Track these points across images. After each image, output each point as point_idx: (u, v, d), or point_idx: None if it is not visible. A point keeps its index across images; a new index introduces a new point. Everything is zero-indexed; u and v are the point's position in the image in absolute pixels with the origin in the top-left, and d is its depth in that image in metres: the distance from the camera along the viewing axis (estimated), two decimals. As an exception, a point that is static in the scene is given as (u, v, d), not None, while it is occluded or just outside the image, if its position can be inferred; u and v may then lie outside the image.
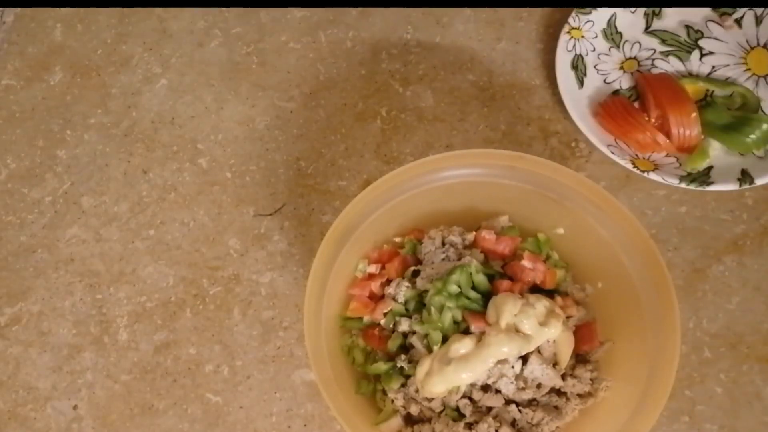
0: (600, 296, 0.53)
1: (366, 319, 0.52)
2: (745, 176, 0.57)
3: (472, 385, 0.48)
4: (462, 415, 0.49)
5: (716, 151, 0.60)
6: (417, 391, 0.48)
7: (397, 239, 0.55)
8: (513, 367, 0.47)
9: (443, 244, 0.54)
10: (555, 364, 0.49)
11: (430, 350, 0.48)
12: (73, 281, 0.62)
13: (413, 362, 0.49)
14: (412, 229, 0.56)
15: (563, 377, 0.49)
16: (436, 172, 0.51)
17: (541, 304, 0.48)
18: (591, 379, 0.50)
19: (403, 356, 0.49)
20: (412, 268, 0.52)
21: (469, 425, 0.48)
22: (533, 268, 0.51)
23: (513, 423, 0.49)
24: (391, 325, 0.51)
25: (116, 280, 0.62)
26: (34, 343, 0.60)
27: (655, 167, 0.59)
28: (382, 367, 0.50)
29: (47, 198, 0.65)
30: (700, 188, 0.57)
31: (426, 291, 0.50)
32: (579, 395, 0.50)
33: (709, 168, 0.59)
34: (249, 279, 0.61)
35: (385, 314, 0.51)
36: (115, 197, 0.65)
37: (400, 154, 0.64)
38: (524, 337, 0.46)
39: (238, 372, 0.58)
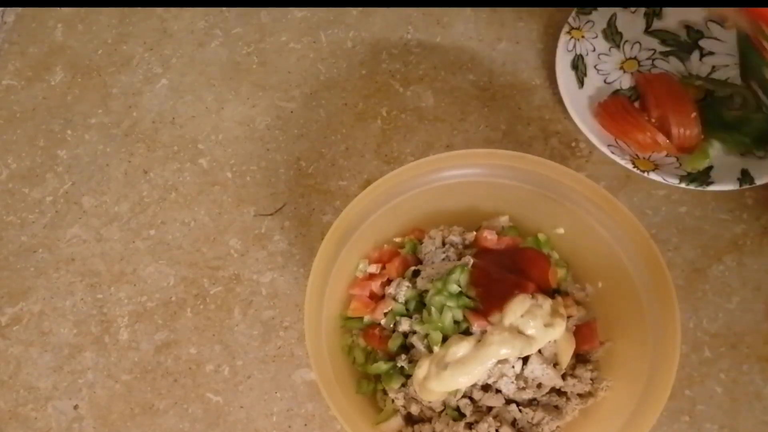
0: (600, 296, 0.53)
1: (366, 318, 0.52)
2: (745, 176, 0.57)
3: (473, 385, 0.48)
4: (462, 415, 0.49)
5: (716, 151, 0.60)
6: (417, 390, 0.48)
7: (398, 239, 0.55)
8: (513, 366, 0.48)
9: (443, 243, 0.54)
10: (555, 364, 0.49)
11: (430, 350, 0.48)
12: (73, 281, 0.62)
13: (414, 362, 0.49)
14: (413, 229, 0.56)
15: (563, 377, 0.49)
16: (436, 172, 0.51)
17: (548, 304, 0.48)
18: (591, 379, 0.50)
19: (403, 356, 0.50)
20: (413, 268, 0.53)
21: (470, 425, 0.48)
22: (534, 268, 0.51)
23: (513, 423, 0.49)
24: (391, 325, 0.51)
25: (117, 280, 0.62)
26: (35, 342, 0.60)
27: (656, 167, 0.59)
28: (382, 366, 0.50)
29: (48, 198, 0.65)
30: (701, 188, 0.57)
31: (426, 291, 0.50)
32: (579, 395, 0.50)
33: (710, 168, 0.59)
34: (249, 279, 0.61)
35: (385, 314, 0.51)
36: (116, 197, 0.65)
37: (400, 154, 0.64)
38: (526, 339, 0.46)
39: (238, 372, 0.58)
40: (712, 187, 0.57)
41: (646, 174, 0.58)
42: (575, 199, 0.51)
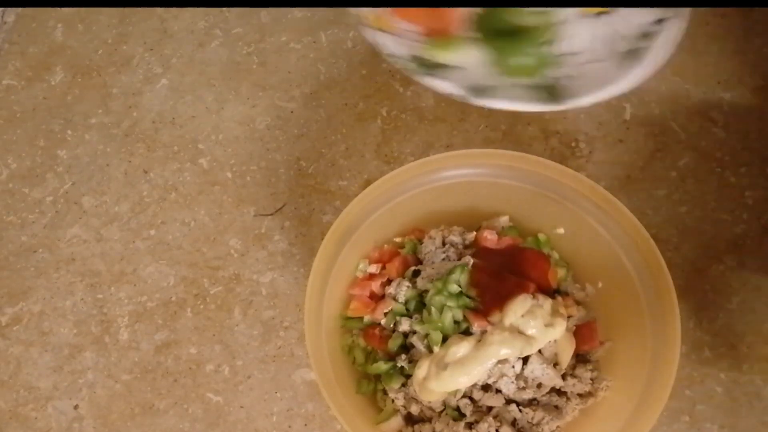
0: (600, 296, 0.53)
1: (366, 318, 0.52)
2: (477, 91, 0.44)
3: (473, 385, 0.48)
4: (462, 415, 0.49)
5: (472, 59, 0.46)
6: (417, 390, 0.48)
7: (398, 239, 0.55)
8: (513, 366, 0.48)
9: (444, 243, 0.54)
10: (555, 364, 0.49)
11: (430, 350, 0.48)
12: (74, 281, 0.62)
13: (414, 362, 0.49)
14: (413, 228, 0.56)
15: (563, 377, 0.49)
16: (436, 172, 0.51)
17: (548, 304, 0.48)
18: (591, 379, 0.50)
19: (403, 356, 0.50)
20: (413, 268, 0.53)
21: (470, 425, 0.48)
22: (534, 268, 0.51)
23: (513, 423, 0.49)
24: (391, 325, 0.51)
25: (117, 280, 0.62)
26: (35, 342, 0.60)
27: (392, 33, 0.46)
28: (382, 366, 0.50)
29: (48, 198, 0.65)
30: (422, 76, 0.46)
31: (426, 291, 0.50)
32: (579, 395, 0.50)
33: (451, 67, 0.46)
34: (250, 279, 0.61)
35: (385, 314, 0.51)
36: (116, 197, 0.65)
37: (400, 154, 0.64)
38: (526, 339, 0.46)
39: (238, 372, 0.58)
40: (429, 80, 0.45)
41: (375, 32, 0.45)
42: (575, 199, 0.51)
